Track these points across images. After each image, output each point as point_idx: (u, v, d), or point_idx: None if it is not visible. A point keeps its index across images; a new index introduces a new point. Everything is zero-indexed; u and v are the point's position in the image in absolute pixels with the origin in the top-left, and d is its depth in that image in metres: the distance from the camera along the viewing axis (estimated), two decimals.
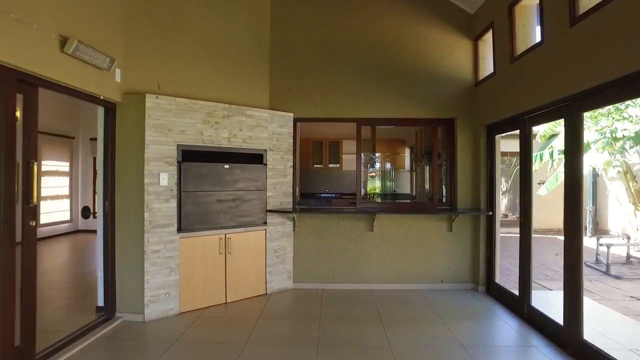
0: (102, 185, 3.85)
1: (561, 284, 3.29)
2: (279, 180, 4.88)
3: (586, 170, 10.74)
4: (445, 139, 5.25)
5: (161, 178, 3.94)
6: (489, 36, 4.78)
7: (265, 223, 4.74)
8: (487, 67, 4.94)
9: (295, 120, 5.13)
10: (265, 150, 4.76)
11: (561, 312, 3.27)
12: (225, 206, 4.40)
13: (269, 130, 4.80)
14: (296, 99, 5.09)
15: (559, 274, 6.11)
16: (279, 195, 4.89)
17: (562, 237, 3.35)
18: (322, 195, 9.10)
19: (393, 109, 5.08)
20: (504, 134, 4.77)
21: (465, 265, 5.03)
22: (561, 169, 8.18)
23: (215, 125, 4.34)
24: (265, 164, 4.75)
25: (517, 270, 4.16)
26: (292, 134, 5.03)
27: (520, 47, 4.00)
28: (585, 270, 6.51)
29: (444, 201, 5.23)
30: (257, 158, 4.71)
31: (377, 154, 9.20)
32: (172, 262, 4.00)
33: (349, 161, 9.15)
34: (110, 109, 3.85)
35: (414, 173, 8.61)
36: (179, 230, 4.06)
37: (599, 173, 10.14)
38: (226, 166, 4.41)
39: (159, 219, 3.92)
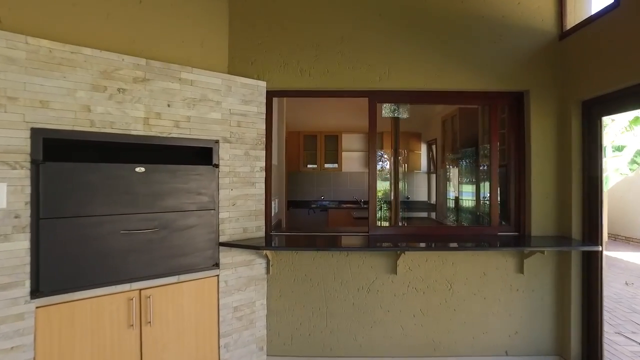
0: None
1: None
2: (241, 191, 2.94)
3: None
4: (508, 125, 3.33)
5: None
6: None
7: (216, 265, 2.80)
8: (582, 7, 3.04)
9: (271, 94, 3.19)
10: (217, 142, 2.81)
11: None
12: (139, 241, 2.45)
13: (224, 108, 2.86)
14: (272, 58, 3.14)
15: None
16: (241, 217, 2.94)
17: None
18: (318, 202, 7.18)
19: (428, 77, 3.15)
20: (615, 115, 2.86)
21: (545, 327, 3.12)
22: None
23: (118, 94, 2.39)
24: (216, 165, 2.81)
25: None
26: (264, 116, 3.09)
27: None
28: None
29: (494, 219, 3.33)
30: (201, 155, 2.77)
31: (382, 151, 7.28)
32: (18, 358, 2.05)
33: (350, 161, 7.25)
34: None
35: (435, 176, 6.71)
36: (36, 292, 2.10)
37: None
38: (140, 169, 2.46)
39: None
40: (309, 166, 7.15)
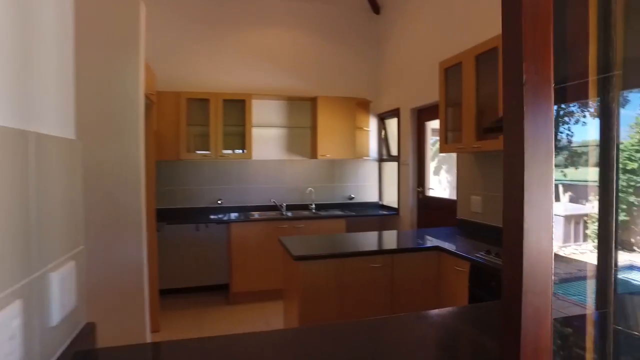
0: None
1: None
2: None
3: None
4: None
5: None
6: None
7: None
8: None
9: None
10: None
11: None
12: None
13: None
14: None
15: None
16: None
17: None
18: (213, 212, 4.39)
19: None
20: None
21: None
22: None
23: None
24: None
25: None
26: None
27: None
28: None
29: None
30: None
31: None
32: None
33: (264, 142, 4.59)
34: None
35: (398, 165, 4.50)
36: None
37: None
38: None
39: None
40: (197, 152, 4.28)
